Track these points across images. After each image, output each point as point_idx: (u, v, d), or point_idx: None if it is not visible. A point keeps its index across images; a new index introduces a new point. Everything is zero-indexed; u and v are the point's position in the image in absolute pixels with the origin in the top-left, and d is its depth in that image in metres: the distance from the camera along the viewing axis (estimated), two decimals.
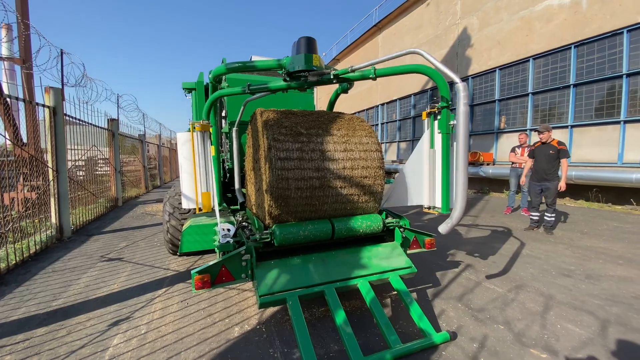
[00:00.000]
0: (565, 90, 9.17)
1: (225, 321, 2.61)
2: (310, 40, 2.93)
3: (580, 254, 4.21)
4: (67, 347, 2.30)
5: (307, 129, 2.69)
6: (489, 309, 2.77)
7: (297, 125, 2.68)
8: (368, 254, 2.77)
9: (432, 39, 13.99)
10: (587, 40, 8.48)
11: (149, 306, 2.90)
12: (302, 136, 2.62)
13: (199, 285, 2.20)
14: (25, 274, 3.77)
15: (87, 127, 6.72)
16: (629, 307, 2.76)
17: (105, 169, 8.93)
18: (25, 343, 2.37)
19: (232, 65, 3.21)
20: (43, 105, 5.06)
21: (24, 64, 6.15)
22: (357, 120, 3.05)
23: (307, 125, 2.74)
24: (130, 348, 2.26)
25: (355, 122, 3.02)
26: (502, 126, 11.27)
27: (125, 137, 10.48)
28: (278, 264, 2.50)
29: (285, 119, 2.74)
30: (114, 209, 8.40)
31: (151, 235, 5.52)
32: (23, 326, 2.61)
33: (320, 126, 2.79)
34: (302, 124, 2.72)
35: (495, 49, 11.18)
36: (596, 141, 8.57)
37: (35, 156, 5.35)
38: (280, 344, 2.29)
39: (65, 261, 4.22)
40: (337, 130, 2.82)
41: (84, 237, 5.47)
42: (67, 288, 3.34)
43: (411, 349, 2.11)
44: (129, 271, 3.81)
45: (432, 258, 4.10)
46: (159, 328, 2.52)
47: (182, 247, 3.20)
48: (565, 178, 5.12)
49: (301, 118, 2.81)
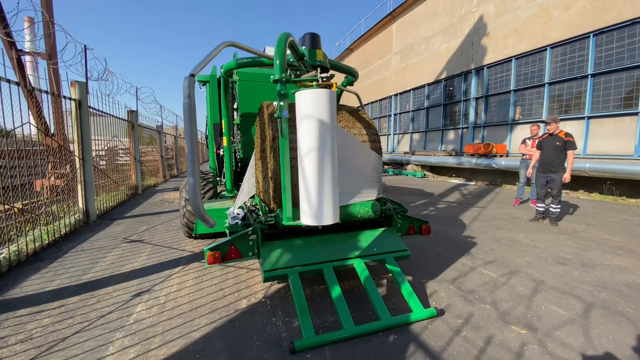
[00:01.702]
0: (583, 81, 8.95)
1: (234, 294, 2.89)
2: (314, 36, 3.11)
3: (580, 244, 4.28)
4: (97, 312, 2.63)
5: None
6: (479, 291, 2.94)
7: None
8: (365, 238, 2.97)
9: (447, 27, 13.76)
10: (606, 29, 8.23)
11: (167, 281, 3.22)
12: None
13: (210, 260, 2.46)
14: (58, 252, 4.17)
15: (108, 119, 7.12)
16: (617, 293, 2.87)
17: (125, 159, 9.41)
18: (60, 309, 2.72)
19: (241, 60, 3.44)
20: (69, 98, 5.44)
21: (51, 60, 6.55)
22: (357, 113, 3.22)
23: None
24: (151, 314, 2.57)
25: (355, 114, 3.18)
26: (517, 117, 11.09)
27: (144, 128, 10.94)
28: (281, 244, 2.74)
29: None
30: (134, 196, 8.88)
31: (169, 221, 5.89)
32: (58, 295, 2.96)
33: None
34: None
35: (512, 38, 10.94)
36: (613, 133, 8.38)
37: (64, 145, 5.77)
38: (282, 314, 2.55)
39: (92, 242, 4.61)
40: (338, 122, 3.00)
41: (107, 221, 5.90)
42: (95, 264, 3.70)
43: (399, 322, 2.32)
44: (149, 251, 4.16)
45: (431, 245, 4.26)
46: (176, 299, 2.83)
47: (197, 229, 3.50)
48: (571, 170, 5.12)
49: None
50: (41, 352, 2.13)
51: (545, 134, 5.52)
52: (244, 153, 4.31)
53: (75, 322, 2.50)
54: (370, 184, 3.02)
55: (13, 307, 2.72)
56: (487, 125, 12.27)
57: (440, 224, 5.39)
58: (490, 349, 2.11)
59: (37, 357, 2.09)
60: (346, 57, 24.02)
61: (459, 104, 13.59)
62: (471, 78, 12.77)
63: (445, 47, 13.98)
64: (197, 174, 2.11)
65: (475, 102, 12.72)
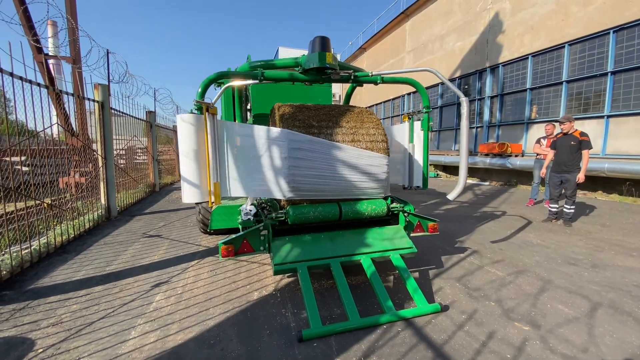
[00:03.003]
0: (603, 78, 8.70)
1: (246, 287, 3.04)
2: (324, 40, 3.21)
3: (593, 245, 4.23)
4: (120, 300, 2.82)
5: (318, 122, 3.00)
6: (485, 288, 2.99)
7: (310, 119, 2.99)
8: (372, 235, 3.06)
9: (462, 25, 13.58)
10: (627, 25, 7.97)
11: (184, 273, 3.40)
12: (314, 128, 2.93)
13: (224, 253, 2.62)
14: (82, 245, 4.43)
15: (127, 119, 7.43)
16: (625, 294, 2.86)
17: (143, 158, 9.77)
18: (87, 297, 2.93)
19: (255, 63, 3.57)
20: (93, 100, 5.73)
21: (75, 64, 6.90)
22: (365, 113, 3.31)
23: (318, 118, 3.05)
24: (169, 303, 2.75)
25: (364, 115, 3.28)
26: (534, 116, 10.87)
27: (161, 128, 11.32)
28: (291, 240, 2.87)
29: (299, 112, 3.06)
30: (152, 193, 9.22)
31: (185, 217, 6.12)
32: (84, 284, 3.19)
33: (331, 119, 3.09)
34: (314, 117, 3.03)
35: (528, 35, 10.73)
36: (634, 132, 8.12)
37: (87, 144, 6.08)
38: (291, 306, 2.68)
39: (114, 236, 4.87)
40: (346, 123, 3.10)
41: (127, 217, 6.18)
42: (117, 257, 3.93)
43: (403, 315, 2.41)
44: (166, 246, 4.37)
45: (440, 243, 4.31)
46: (192, 290, 3.00)
47: (212, 224, 3.68)
48: (585, 170, 5.04)
49: (314, 112, 3.12)
50: (70, 335, 2.33)
51: (560, 134, 5.44)
52: None
53: (100, 308, 2.70)
54: (376, 183, 3.10)
55: (44, 294, 2.95)
56: (502, 124, 12.07)
57: (449, 223, 5.41)
58: (492, 343, 2.17)
59: (67, 338, 2.28)
60: (359, 57, 23.99)
61: (473, 102, 13.40)
62: (486, 76, 12.58)
63: (459, 45, 13.80)
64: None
65: (490, 101, 12.52)
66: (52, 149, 5.35)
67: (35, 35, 6.06)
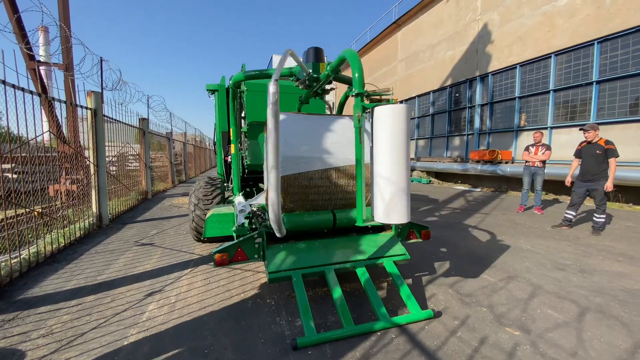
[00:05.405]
0: (588, 88, 8.98)
1: (240, 295, 3.03)
2: (317, 50, 3.28)
3: (581, 251, 4.32)
4: (112, 310, 2.79)
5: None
6: (477, 294, 3.03)
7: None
8: (366, 242, 3.09)
9: (452, 35, 13.90)
10: (611, 36, 8.28)
11: (177, 282, 3.37)
12: None
13: (218, 262, 2.61)
14: (73, 254, 4.37)
15: (119, 125, 7.38)
16: (612, 298, 2.93)
17: (135, 165, 9.69)
18: (78, 307, 2.89)
19: (249, 73, 3.63)
20: (85, 107, 5.70)
21: (67, 72, 6.86)
22: None
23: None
24: (162, 313, 2.73)
25: None
26: (522, 124, 11.12)
27: (154, 134, 11.26)
28: (286, 247, 2.88)
29: None
30: (145, 201, 9.13)
31: (178, 225, 6.08)
32: (75, 294, 3.14)
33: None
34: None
35: (516, 45, 11.03)
36: (620, 139, 8.33)
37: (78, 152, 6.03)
38: (286, 314, 2.68)
39: (106, 244, 4.81)
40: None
41: (119, 225, 6.11)
42: (109, 266, 3.89)
43: (397, 322, 2.43)
44: (159, 254, 4.33)
45: (432, 249, 4.35)
46: (186, 299, 2.98)
47: (206, 232, 3.67)
48: (613, 178, 4.94)
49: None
50: (62, 346, 2.29)
51: (584, 142, 5.36)
52: (251, 160, 4.47)
53: (92, 319, 2.66)
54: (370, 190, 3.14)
55: (34, 305, 2.90)
56: (492, 131, 12.31)
57: (442, 230, 5.47)
58: (484, 349, 2.21)
59: (58, 350, 2.25)
60: None
61: (464, 110, 13.66)
62: (476, 85, 12.86)
63: (450, 54, 14.11)
64: (279, 187, 2.29)
65: (480, 109, 12.77)
66: (42, 156, 5.30)
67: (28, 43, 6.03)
